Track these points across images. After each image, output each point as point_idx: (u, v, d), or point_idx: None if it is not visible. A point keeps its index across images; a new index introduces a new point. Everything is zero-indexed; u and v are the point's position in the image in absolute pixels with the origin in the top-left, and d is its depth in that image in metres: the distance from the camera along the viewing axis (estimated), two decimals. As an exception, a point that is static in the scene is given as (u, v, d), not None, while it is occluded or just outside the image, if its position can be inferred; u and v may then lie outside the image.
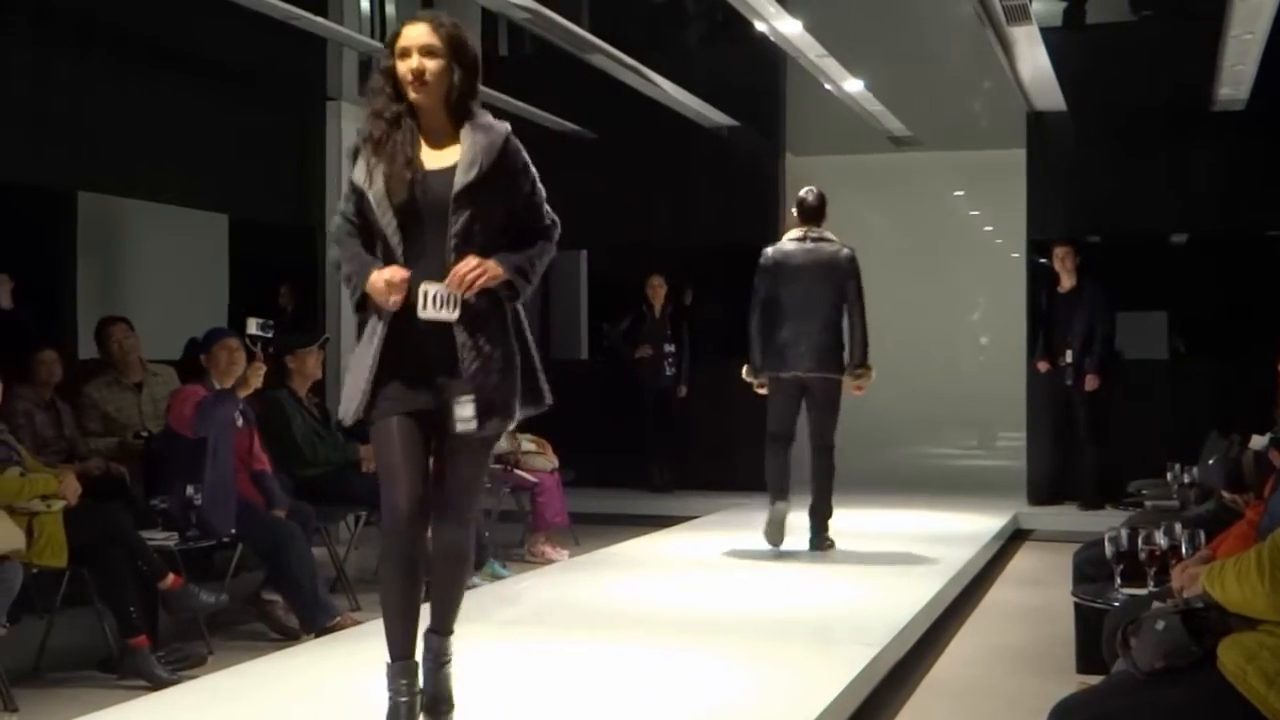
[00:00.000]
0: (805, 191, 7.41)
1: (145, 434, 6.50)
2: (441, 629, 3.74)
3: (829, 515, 7.39)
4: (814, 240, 7.25)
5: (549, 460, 8.34)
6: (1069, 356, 9.56)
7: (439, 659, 3.72)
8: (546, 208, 3.72)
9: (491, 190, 3.57)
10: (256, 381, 6.02)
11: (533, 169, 3.68)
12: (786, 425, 7.42)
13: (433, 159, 3.59)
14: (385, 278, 3.51)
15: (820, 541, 7.40)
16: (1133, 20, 10.49)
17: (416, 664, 3.64)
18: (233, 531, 5.94)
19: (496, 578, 7.11)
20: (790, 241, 7.29)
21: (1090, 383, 9.43)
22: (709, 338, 11.08)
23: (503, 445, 8.32)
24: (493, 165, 3.56)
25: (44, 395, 6.30)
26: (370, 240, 3.65)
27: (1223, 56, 8.39)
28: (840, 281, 7.16)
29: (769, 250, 7.28)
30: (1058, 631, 5.67)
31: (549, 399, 3.73)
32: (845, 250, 7.24)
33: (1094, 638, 4.18)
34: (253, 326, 5.93)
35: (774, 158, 11.16)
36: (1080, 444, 9.64)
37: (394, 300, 3.50)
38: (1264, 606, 2.78)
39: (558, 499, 8.25)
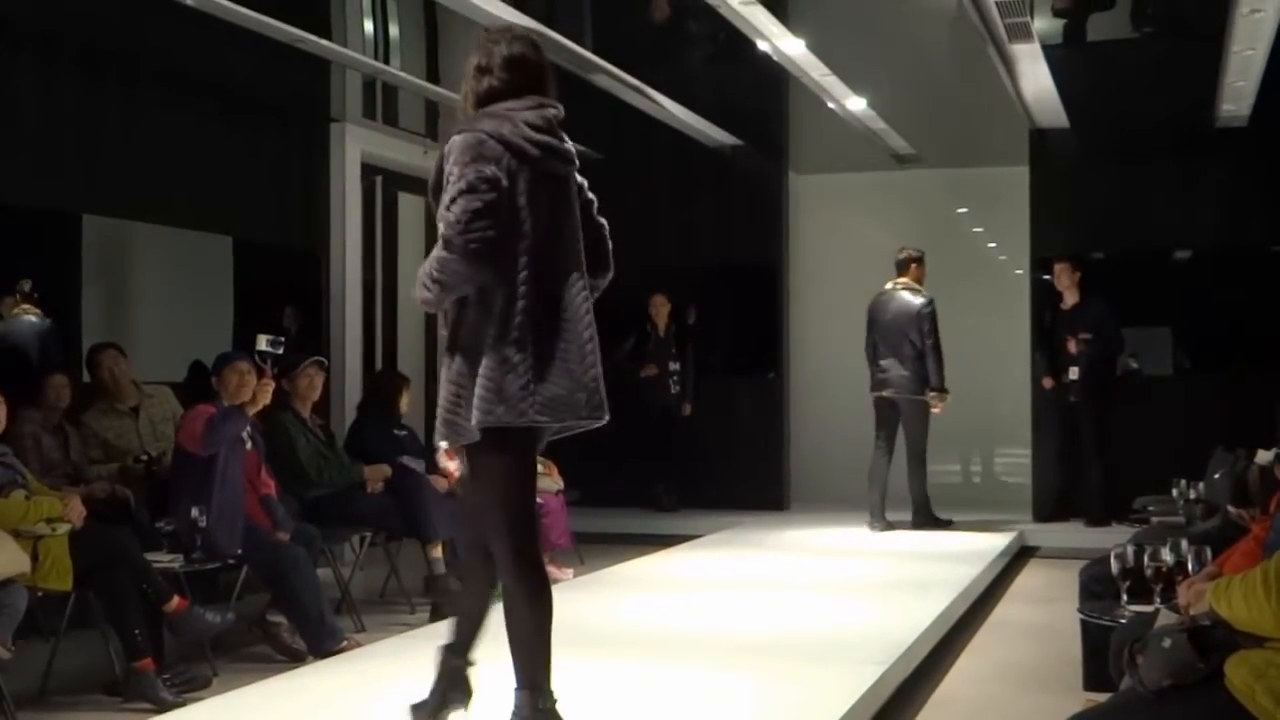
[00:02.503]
0: (898, 249, 9.35)
1: (146, 456, 6.50)
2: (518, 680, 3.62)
3: (925, 502, 9.27)
4: (900, 290, 9.21)
5: (554, 482, 8.33)
6: (1073, 373, 9.56)
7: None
8: (450, 212, 3.47)
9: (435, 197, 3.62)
10: (265, 399, 6.06)
11: (451, 168, 3.51)
12: (885, 432, 9.33)
13: None
14: None
15: (919, 522, 9.22)
16: (1134, 37, 10.50)
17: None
18: (238, 553, 5.94)
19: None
20: (885, 291, 9.25)
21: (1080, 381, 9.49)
22: (713, 356, 11.08)
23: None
24: (436, 169, 3.62)
25: (52, 419, 6.30)
26: None
27: (1224, 73, 8.40)
28: (918, 324, 9.03)
29: (872, 300, 9.29)
30: (1064, 649, 5.65)
31: (472, 419, 3.49)
32: (920, 300, 9.11)
33: (1101, 655, 4.17)
34: (262, 343, 5.95)
35: (777, 176, 11.17)
36: (1085, 460, 9.64)
37: None
38: (1271, 625, 2.77)
39: (562, 520, 8.25)
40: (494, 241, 3.46)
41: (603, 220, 3.85)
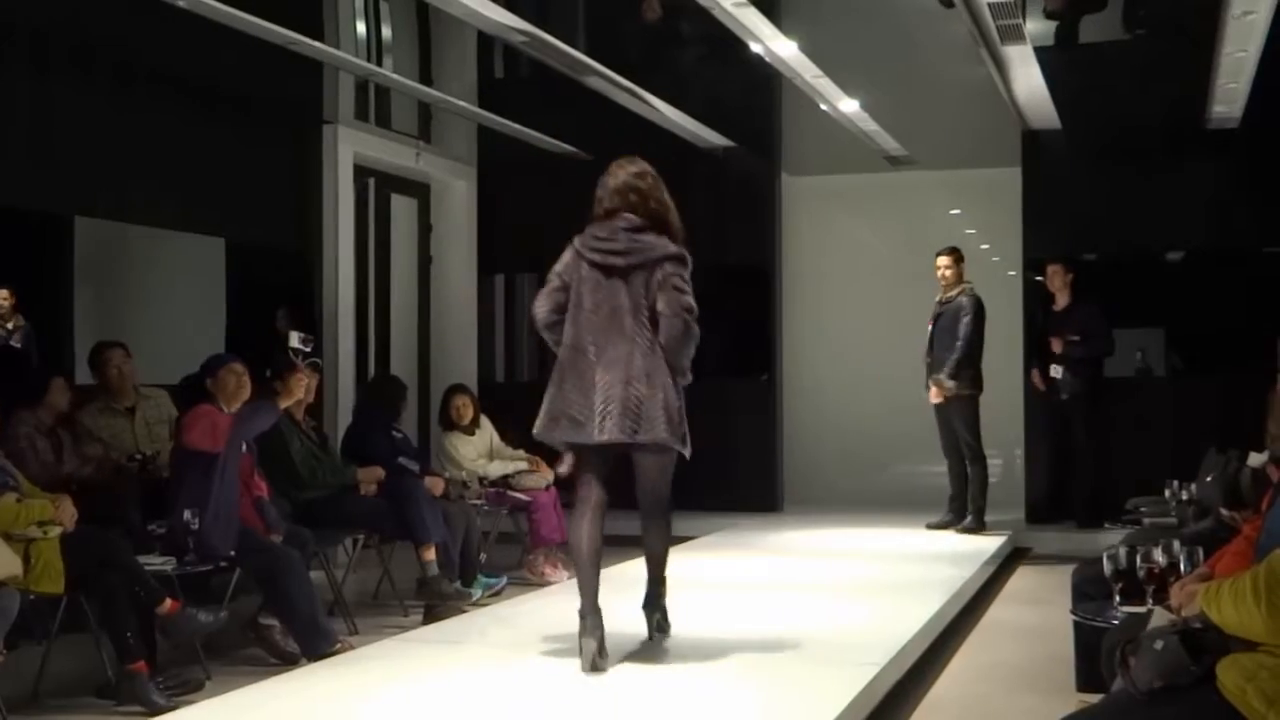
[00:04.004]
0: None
1: (139, 456, 6.48)
2: None
3: (980, 507, 9.41)
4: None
5: (543, 477, 8.37)
6: (1055, 372, 9.64)
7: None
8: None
9: None
10: (299, 392, 6.15)
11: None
12: (943, 432, 9.70)
13: None
14: None
15: (967, 526, 9.32)
16: (1126, 39, 10.51)
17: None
18: (232, 554, 5.93)
19: (490, 588, 7.44)
20: None
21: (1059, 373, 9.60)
22: (706, 358, 11.01)
23: (495, 469, 8.36)
24: None
25: (46, 422, 6.28)
26: None
27: (1216, 75, 8.41)
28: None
29: None
30: (1057, 650, 5.66)
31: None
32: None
33: (1093, 656, 4.17)
34: (294, 340, 6.04)
35: (770, 178, 11.17)
36: (1077, 462, 9.65)
37: None
38: (1261, 630, 2.77)
39: (554, 515, 8.26)
40: (549, 313, 5.16)
41: (678, 298, 5.40)
